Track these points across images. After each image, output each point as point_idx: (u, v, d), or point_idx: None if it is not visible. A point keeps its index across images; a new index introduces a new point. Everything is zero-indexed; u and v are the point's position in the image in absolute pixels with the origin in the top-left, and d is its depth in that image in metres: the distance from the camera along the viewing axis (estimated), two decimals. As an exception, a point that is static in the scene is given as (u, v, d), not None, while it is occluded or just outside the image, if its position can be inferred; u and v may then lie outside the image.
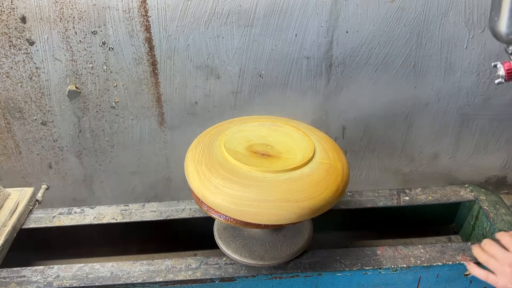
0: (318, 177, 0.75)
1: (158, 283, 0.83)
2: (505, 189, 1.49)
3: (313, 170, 0.77)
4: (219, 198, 0.72)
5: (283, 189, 0.72)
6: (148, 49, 1.14)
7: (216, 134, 0.86)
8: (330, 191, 0.74)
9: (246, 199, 0.71)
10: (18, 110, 1.22)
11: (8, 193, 1.01)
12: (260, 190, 0.72)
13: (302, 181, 0.74)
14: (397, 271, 0.85)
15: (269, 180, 0.73)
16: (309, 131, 0.89)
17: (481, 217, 0.98)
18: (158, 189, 1.44)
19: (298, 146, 0.83)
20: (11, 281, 0.83)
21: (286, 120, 0.94)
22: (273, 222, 0.72)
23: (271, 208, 0.70)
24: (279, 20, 1.11)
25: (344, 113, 1.29)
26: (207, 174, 0.75)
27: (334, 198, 0.75)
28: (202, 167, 0.76)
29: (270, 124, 0.90)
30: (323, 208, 0.74)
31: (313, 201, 0.72)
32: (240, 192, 0.71)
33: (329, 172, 0.77)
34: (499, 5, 0.64)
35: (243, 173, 0.74)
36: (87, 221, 0.98)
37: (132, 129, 1.28)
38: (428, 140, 1.36)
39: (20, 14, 1.06)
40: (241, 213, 0.71)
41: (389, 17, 1.12)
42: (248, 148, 0.81)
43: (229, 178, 0.73)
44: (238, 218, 0.73)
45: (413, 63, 1.20)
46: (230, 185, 0.72)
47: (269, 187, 0.72)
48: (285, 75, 1.21)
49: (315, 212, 0.73)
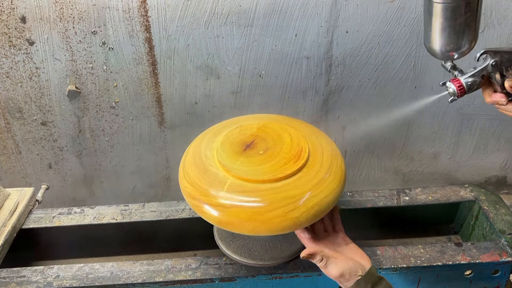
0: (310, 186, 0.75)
1: (158, 283, 0.83)
2: (505, 189, 1.49)
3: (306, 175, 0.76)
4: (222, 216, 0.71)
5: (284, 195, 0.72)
6: (148, 49, 1.14)
7: (203, 144, 0.84)
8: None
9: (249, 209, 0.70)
10: (18, 110, 1.22)
11: (8, 193, 1.01)
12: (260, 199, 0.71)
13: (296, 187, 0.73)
14: (397, 271, 0.85)
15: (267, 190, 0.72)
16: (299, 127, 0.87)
17: (481, 217, 0.98)
18: (158, 189, 1.44)
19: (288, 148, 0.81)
20: (11, 281, 0.83)
21: (277, 118, 0.92)
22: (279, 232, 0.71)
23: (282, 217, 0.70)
24: (279, 20, 1.11)
25: (344, 113, 1.29)
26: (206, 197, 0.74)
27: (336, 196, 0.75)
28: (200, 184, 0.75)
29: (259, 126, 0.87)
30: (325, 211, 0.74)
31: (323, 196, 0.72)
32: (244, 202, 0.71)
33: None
34: (430, 23, 0.64)
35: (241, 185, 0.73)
36: (87, 221, 0.98)
37: (132, 129, 1.28)
38: (428, 140, 1.36)
39: (20, 14, 1.06)
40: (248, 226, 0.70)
41: (389, 17, 1.12)
42: (238, 150, 0.79)
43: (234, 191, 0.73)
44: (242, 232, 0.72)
45: (413, 63, 1.20)
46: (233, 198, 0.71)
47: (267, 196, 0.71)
48: (285, 75, 1.21)
49: (328, 208, 0.73)
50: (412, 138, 1.35)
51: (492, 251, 0.86)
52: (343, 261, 0.71)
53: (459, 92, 0.68)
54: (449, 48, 0.66)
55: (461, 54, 0.67)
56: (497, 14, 1.12)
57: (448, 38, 0.65)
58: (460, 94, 0.69)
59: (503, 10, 1.12)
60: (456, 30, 0.63)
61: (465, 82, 0.68)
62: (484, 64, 0.67)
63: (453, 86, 0.68)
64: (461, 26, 0.63)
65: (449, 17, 0.62)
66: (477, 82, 0.68)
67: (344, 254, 0.74)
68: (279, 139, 0.80)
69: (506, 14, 1.12)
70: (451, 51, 0.66)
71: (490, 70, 0.67)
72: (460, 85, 0.68)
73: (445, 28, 0.64)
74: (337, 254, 0.73)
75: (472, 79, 0.68)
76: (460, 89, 0.68)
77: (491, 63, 0.67)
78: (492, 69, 0.67)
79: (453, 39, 0.64)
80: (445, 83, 0.71)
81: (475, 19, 0.64)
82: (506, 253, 0.85)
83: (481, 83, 0.69)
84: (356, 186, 1.47)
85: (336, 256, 0.72)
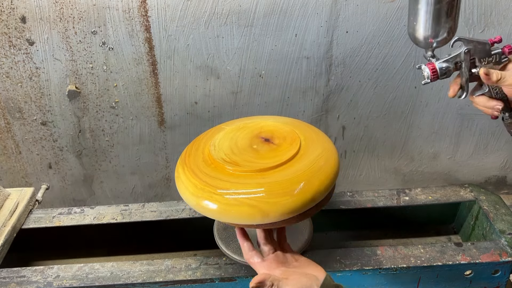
0: (318, 164, 0.74)
1: (158, 283, 0.83)
2: (505, 189, 1.49)
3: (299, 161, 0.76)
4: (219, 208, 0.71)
5: (282, 185, 0.71)
6: (148, 49, 1.14)
7: (198, 147, 0.85)
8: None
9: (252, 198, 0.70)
10: (18, 110, 1.22)
11: (8, 193, 1.01)
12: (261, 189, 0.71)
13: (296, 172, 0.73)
14: (397, 271, 0.85)
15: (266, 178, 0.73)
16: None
17: (481, 217, 0.98)
18: (158, 189, 1.44)
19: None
20: (11, 281, 0.83)
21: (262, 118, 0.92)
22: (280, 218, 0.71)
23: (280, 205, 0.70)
24: (279, 20, 1.11)
25: (344, 113, 1.29)
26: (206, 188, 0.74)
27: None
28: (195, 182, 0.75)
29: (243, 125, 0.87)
30: (327, 189, 0.73)
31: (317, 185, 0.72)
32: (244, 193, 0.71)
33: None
34: (416, 10, 0.67)
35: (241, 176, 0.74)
36: (87, 221, 0.98)
37: (132, 129, 1.28)
38: (428, 140, 1.36)
39: (20, 14, 1.06)
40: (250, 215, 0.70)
41: (389, 17, 1.12)
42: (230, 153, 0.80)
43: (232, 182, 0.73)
44: (243, 223, 0.72)
45: (413, 63, 1.20)
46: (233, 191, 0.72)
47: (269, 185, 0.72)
48: (285, 75, 1.21)
49: (322, 195, 0.73)
50: (412, 138, 1.36)
51: (492, 251, 0.86)
52: (295, 280, 0.68)
53: (432, 75, 0.71)
54: (428, 34, 0.68)
55: (439, 42, 0.69)
56: (497, 14, 1.12)
57: (428, 24, 0.67)
58: (433, 78, 0.71)
59: (503, 10, 1.12)
60: (436, 15, 0.66)
61: (439, 67, 0.70)
62: (458, 52, 0.70)
63: (427, 70, 0.71)
64: (440, 11, 0.65)
65: (430, 2, 0.65)
66: (450, 68, 0.71)
67: (296, 271, 0.71)
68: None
69: (506, 14, 1.12)
70: (430, 38, 0.68)
71: (462, 58, 0.70)
72: (434, 68, 0.71)
73: (425, 13, 0.66)
74: (288, 273, 0.70)
75: (445, 64, 0.70)
76: (434, 73, 0.71)
77: (464, 50, 0.69)
78: (464, 56, 0.70)
79: (432, 25, 0.67)
80: (420, 67, 0.74)
81: (455, 8, 0.66)
82: (506, 253, 0.85)
83: (453, 70, 0.71)
84: (356, 186, 1.47)
85: (287, 276, 0.69)
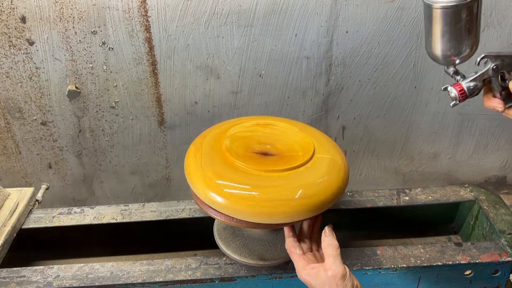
0: (322, 172, 0.76)
1: (158, 283, 0.83)
2: (505, 189, 1.50)
3: (315, 165, 0.77)
4: (228, 201, 0.71)
5: (290, 186, 0.72)
6: (148, 49, 1.14)
7: (214, 137, 0.85)
8: (335, 182, 0.75)
9: (256, 199, 0.70)
10: (18, 110, 1.22)
11: (8, 193, 1.01)
12: (267, 190, 0.71)
13: (306, 177, 0.74)
14: (397, 271, 0.85)
15: (275, 179, 0.73)
16: (304, 128, 0.89)
17: (481, 217, 0.98)
18: (158, 189, 1.44)
19: (298, 144, 0.83)
20: (11, 281, 0.83)
21: (280, 119, 0.94)
22: (283, 221, 0.72)
23: (281, 207, 0.70)
24: (279, 20, 1.11)
25: (344, 113, 1.29)
26: (213, 178, 0.74)
27: (341, 190, 0.76)
28: (207, 172, 0.75)
29: (265, 123, 0.89)
30: (332, 200, 0.75)
31: (322, 195, 0.73)
32: (248, 191, 0.71)
33: (330, 166, 0.77)
34: (434, 31, 0.65)
35: (248, 173, 0.74)
36: (87, 221, 0.98)
37: (132, 129, 1.28)
38: (428, 140, 1.36)
39: (20, 14, 1.06)
40: (250, 214, 0.71)
41: (389, 17, 1.12)
42: (248, 148, 0.81)
43: (235, 179, 0.73)
44: (247, 220, 0.72)
45: (413, 63, 1.20)
46: (237, 186, 0.72)
47: (276, 186, 0.72)
48: (285, 75, 1.21)
49: (324, 207, 0.74)
50: (412, 138, 1.36)
51: (492, 251, 0.86)
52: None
53: (461, 96, 0.69)
54: (449, 53, 0.66)
55: (462, 59, 0.67)
56: (497, 14, 1.12)
57: (449, 43, 0.65)
58: (461, 99, 0.69)
59: (503, 10, 1.12)
60: (456, 35, 0.64)
61: (466, 86, 0.68)
62: (485, 69, 0.67)
63: (455, 91, 0.69)
64: (461, 31, 0.63)
65: (449, 22, 0.62)
66: (478, 87, 0.68)
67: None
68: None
69: (506, 14, 1.12)
70: (452, 56, 0.66)
71: (491, 74, 0.67)
72: (462, 89, 0.68)
73: (445, 33, 0.64)
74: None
75: (473, 83, 0.68)
76: (462, 94, 0.68)
77: (492, 67, 0.67)
78: (493, 73, 0.67)
79: (453, 44, 0.65)
80: (446, 88, 0.71)
81: (476, 23, 0.64)
82: (506, 253, 0.85)
83: (482, 87, 0.69)
84: (356, 186, 1.47)
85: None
